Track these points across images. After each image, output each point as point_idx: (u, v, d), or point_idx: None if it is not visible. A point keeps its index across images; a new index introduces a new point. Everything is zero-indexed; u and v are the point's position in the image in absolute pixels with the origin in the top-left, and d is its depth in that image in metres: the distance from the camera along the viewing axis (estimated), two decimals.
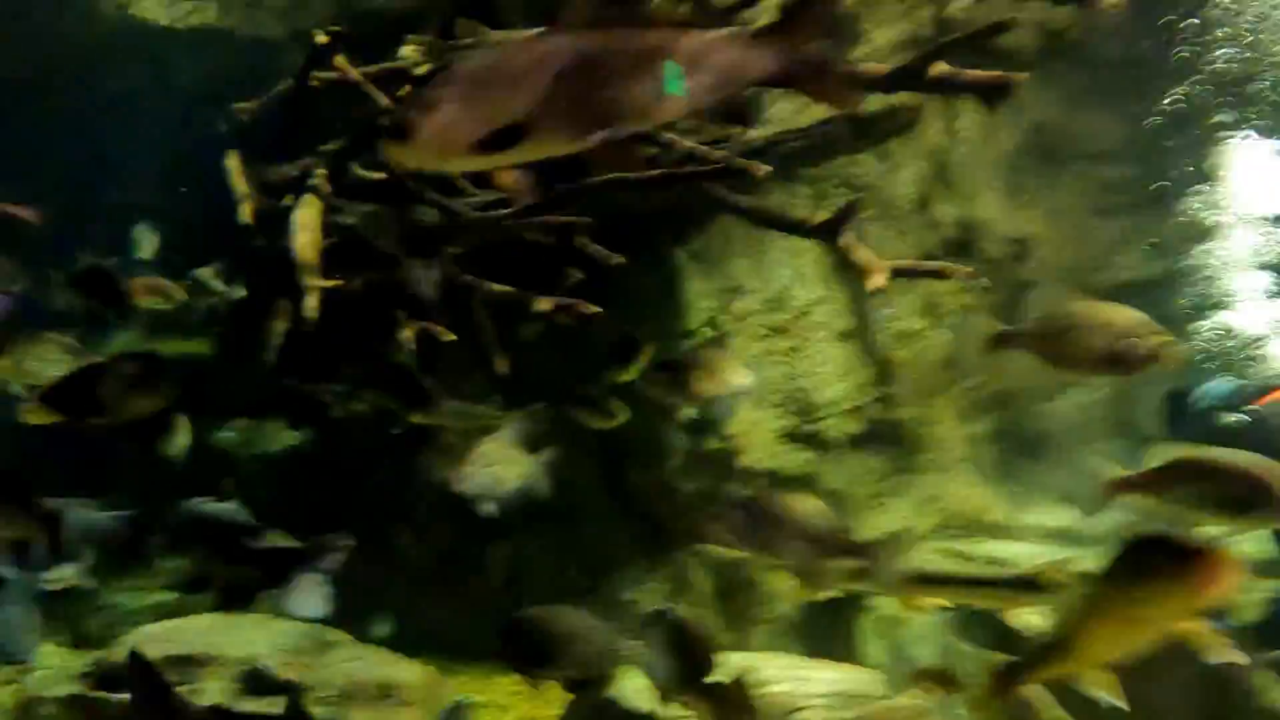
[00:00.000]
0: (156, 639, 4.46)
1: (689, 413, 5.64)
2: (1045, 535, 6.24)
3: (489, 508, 4.48)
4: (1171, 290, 7.35)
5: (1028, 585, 4.22)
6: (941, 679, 4.18)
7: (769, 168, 4.27)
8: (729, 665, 3.67)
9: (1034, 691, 3.92)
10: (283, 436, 6.60)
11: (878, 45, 6.29)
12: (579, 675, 3.83)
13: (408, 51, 4.79)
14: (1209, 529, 3.69)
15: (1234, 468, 3.65)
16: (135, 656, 3.06)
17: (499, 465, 4.43)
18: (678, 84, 6.32)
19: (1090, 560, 5.68)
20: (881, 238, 6.50)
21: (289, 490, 6.21)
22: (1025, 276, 6.89)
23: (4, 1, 7.25)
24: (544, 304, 4.61)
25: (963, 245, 6.79)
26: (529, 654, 3.73)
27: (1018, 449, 7.12)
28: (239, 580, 3.71)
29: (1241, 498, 3.62)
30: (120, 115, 7.45)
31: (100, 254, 7.09)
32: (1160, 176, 7.10)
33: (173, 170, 7.59)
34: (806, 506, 3.88)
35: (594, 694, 4.47)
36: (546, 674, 3.87)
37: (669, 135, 5.51)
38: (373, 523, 5.89)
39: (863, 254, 4.35)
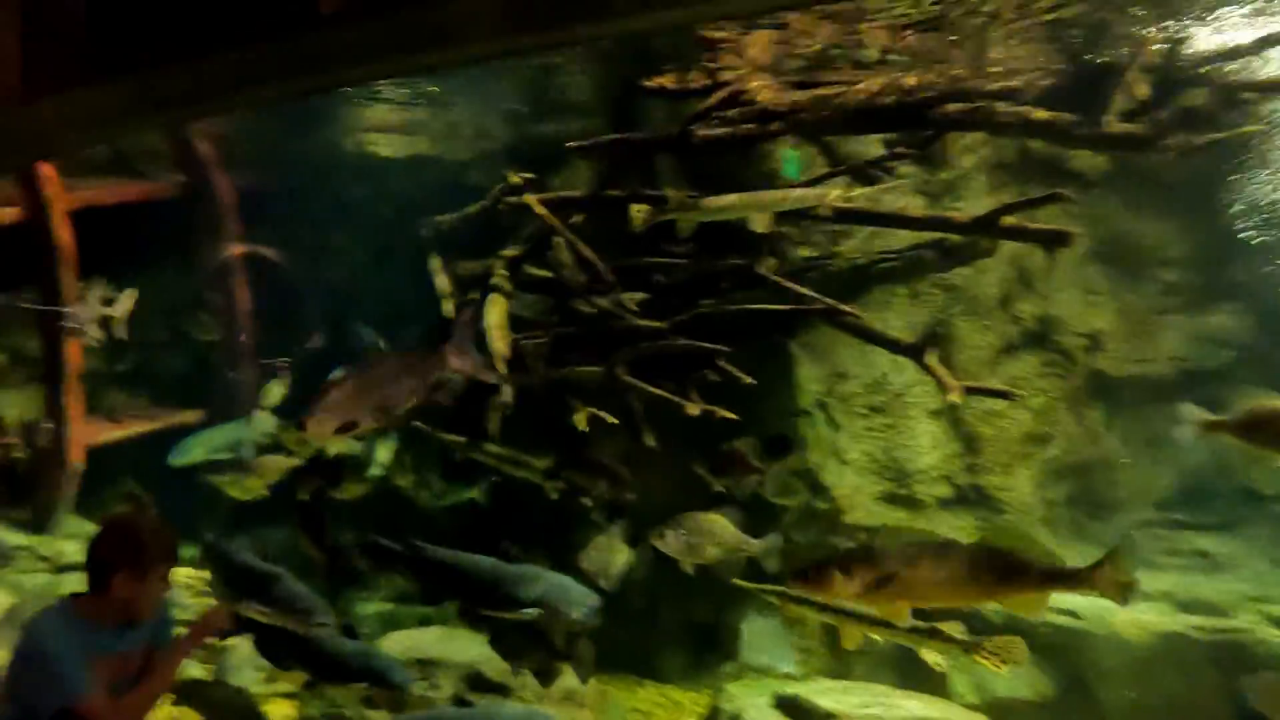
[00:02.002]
0: (400, 644, 5.51)
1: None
2: None
3: (602, 583, 5.34)
4: (1231, 379, 7.71)
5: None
6: None
7: (859, 315, 5.04)
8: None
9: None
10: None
11: (965, 170, 6.99)
12: None
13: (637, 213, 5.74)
14: None
15: None
16: None
17: (608, 554, 5.24)
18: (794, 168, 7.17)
19: (1150, 613, 6.16)
20: (968, 330, 7.16)
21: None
22: (1097, 366, 7.39)
23: (265, 133, 8.64)
24: (692, 409, 5.45)
25: (1040, 338, 7.33)
26: None
27: (1090, 512, 7.56)
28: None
29: None
30: (350, 221, 8.75)
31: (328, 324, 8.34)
32: (1219, 279, 7.51)
33: (387, 264, 8.81)
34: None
35: None
36: None
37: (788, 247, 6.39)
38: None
39: (943, 373, 5.04)
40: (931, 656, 4.76)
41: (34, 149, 4.55)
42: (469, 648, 5.29)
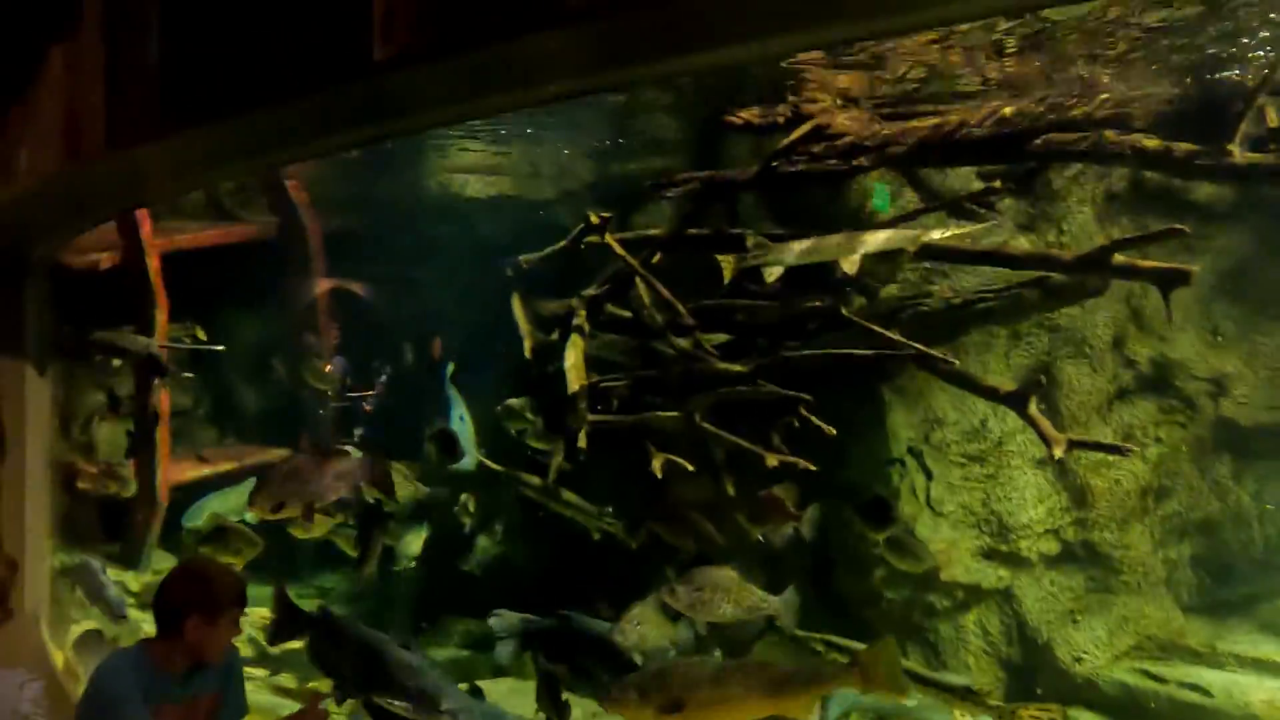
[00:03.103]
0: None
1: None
2: (1244, 664, 6.03)
3: (637, 659, 5.05)
4: None
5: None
6: None
7: (953, 360, 4.71)
8: None
9: None
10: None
11: (1074, 206, 6.55)
12: None
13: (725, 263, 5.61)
14: None
15: None
16: None
17: (647, 627, 4.94)
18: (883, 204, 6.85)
19: None
20: (1075, 374, 6.66)
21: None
22: (1224, 414, 6.78)
23: (353, 173, 8.84)
24: (771, 459, 5.19)
25: (1158, 382, 6.78)
26: None
27: (1218, 576, 6.90)
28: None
29: None
30: (433, 259, 8.84)
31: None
32: None
33: (469, 302, 8.85)
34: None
35: None
36: None
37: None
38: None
39: (1045, 425, 4.64)
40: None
41: (118, 198, 4.67)
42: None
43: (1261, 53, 5.28)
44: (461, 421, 6.93)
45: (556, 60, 2.73)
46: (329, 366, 8.55)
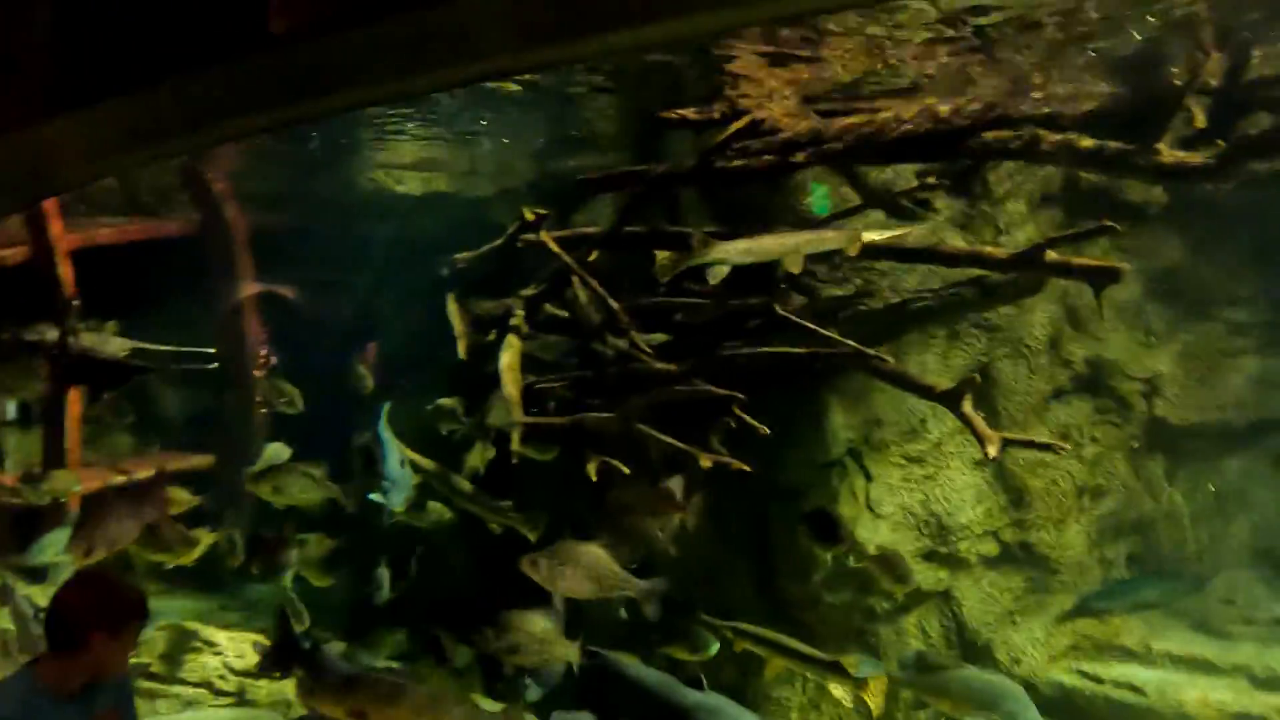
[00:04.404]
0: None
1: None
2: (1177, 662, 6.10)
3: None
4: None
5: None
6: None
7: (888, 359, 4.69)
8: None
9: None
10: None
11: (1010, 205, 6.59)
12: None
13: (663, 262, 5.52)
14: None
15: None
16: None
17: (548, 648, 4.85)
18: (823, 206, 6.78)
19: (1223, 690, 5.60)
20: (1013, 375, 6.70)
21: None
22: (1157, 413, 6.88)
23: (280, 169, 8.58)
24: (706, 461, 5.11)
25: (1093, 382, 6.85)
26: None
27: (1152, 574, 6.99)
28: None
29: None
30: (366, 258, 8.63)
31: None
32: None
33: (403, 302, 8.65)
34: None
35: None
36: None
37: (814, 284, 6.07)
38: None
39: (980, 424, 4.63)
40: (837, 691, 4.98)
41: (11, 188, 4.41)
42: None
43: (1192, 51, 5.34)
44: (401, 468, 6.72)
45: (471, 35, 2.61)
46: (252, 371, 8.27)
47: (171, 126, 3.56)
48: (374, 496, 6.16)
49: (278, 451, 6.93)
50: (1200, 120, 5.35)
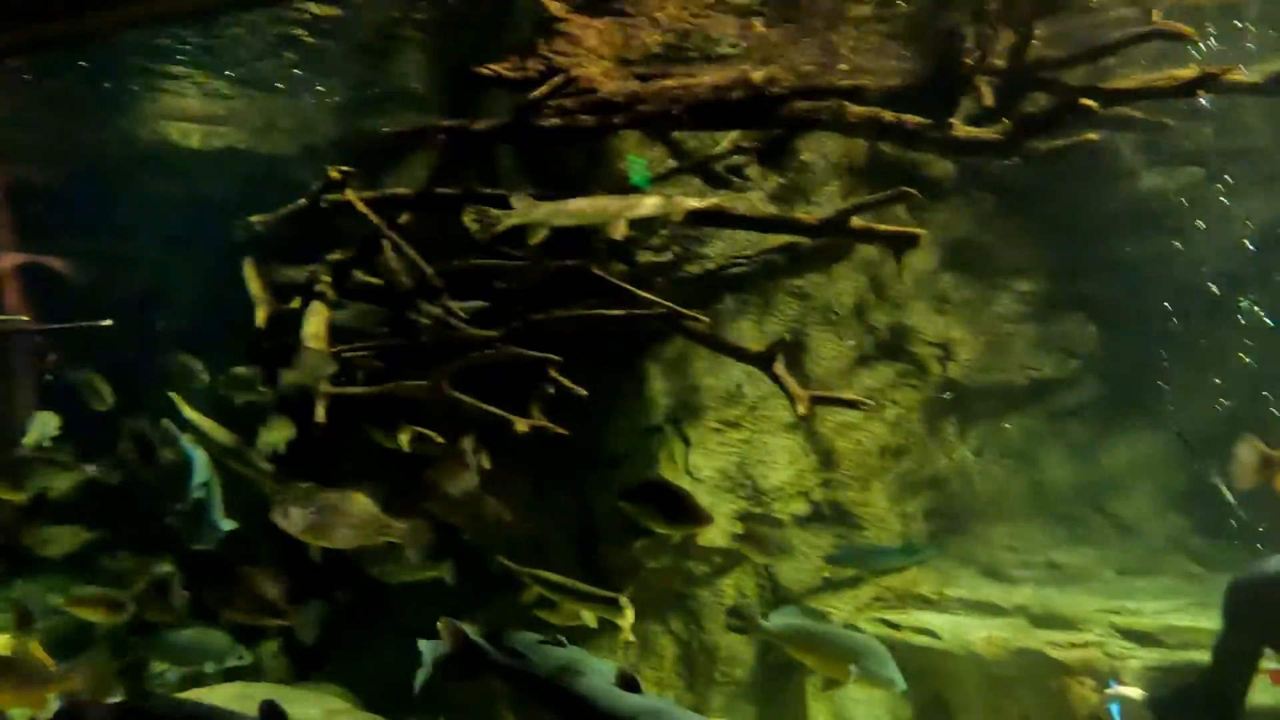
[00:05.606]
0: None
1: None
2: (967, 606, 6.58)
3: None
4: (1079, 386, 7.90)
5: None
6: None
7: (707, 320, 4.74)
8: None
9: None
10: None
11: (818, 172, 6.84)
12: None
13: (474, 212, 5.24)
14: None
15: None
16: None
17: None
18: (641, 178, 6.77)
19: (1006, 629, 6.10)
20: (822, 340, 6.99)
21: None
22: (951, 376, 7.37)
23: (53, 117, 7.68)
24: (521, 426, 5.01)
25: (895, 348, 7.25)
26: None
27: (947, 526, 7.52)
28: None
29: None
30: (149, 219, 7.89)
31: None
32: (1063, 289, 7.67)
33: (192, 269, 8.00)
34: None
35: None
36: None
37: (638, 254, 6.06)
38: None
39: (790, 383, 4.78)
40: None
41: None
42: None
43: (984, 32, 5.68)
44: (206, 488, 6.18)
45: None
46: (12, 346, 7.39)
47: None
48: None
49: (45, 421, 6.25)
50: (989, 99, 5.71)
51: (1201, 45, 5.48)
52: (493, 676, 3.81)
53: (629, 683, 3.50)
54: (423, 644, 4.08)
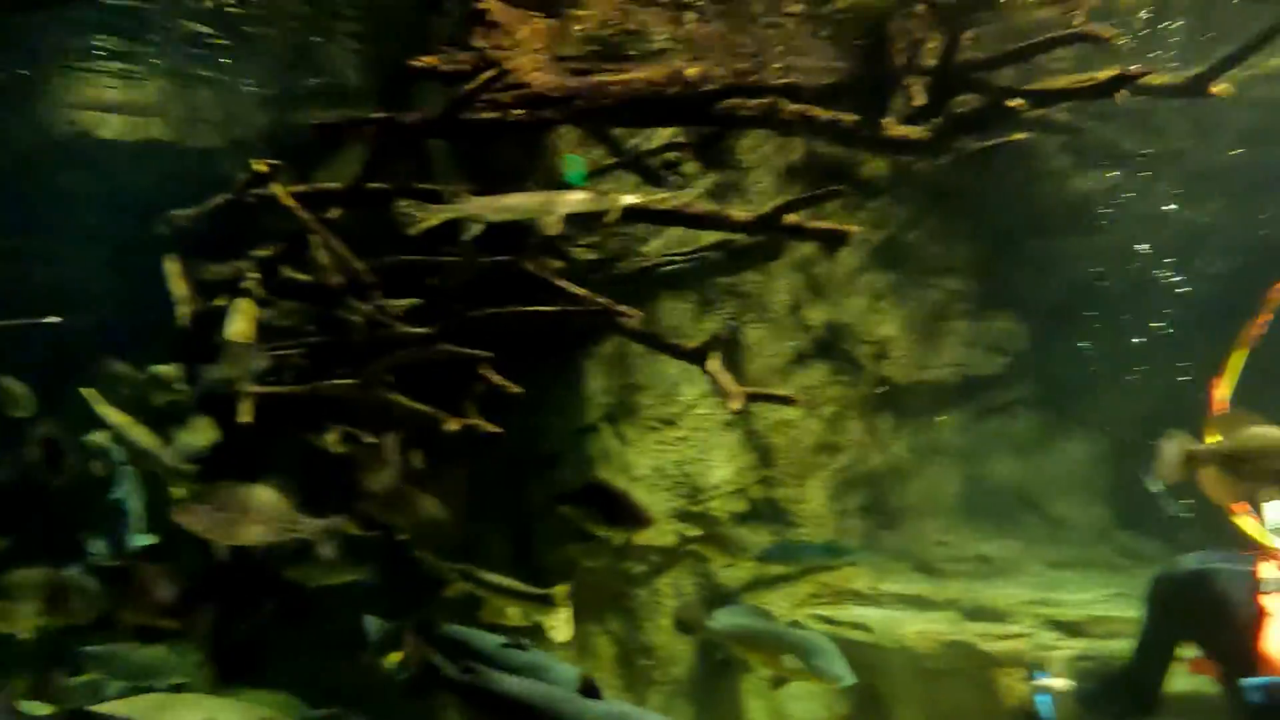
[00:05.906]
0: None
1: None
2: (900, 601, 6.67)
3: None
4: (1010, 383, 8.06)
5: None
6: None
7: (639, 314, 4.71)
8: None
9: None
10: None
11: (757, 176, 6.85)
12: None
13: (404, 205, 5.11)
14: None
15: None
16: None
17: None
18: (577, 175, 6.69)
19: (938, 622, 6.18)
20: (760, 338, 7.01)
21: None
22: (884, 373, 7.45)
23: None
24: (452, 424, 4.92)
25: (830, 345, 7.31)
26: None
27: (881, 522, 7.61)
28: None
29: None
30: (65, 214, 7.58)
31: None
32: (993, 287, 7.82)
33: (112, 267, 7.70)
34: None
35: None
36: None
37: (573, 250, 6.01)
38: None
39: (725, 379, 4.78)
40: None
41: None
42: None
43: (914, 32, 5.73)
44: (131, 499, 5.93)
45: None
46: None
47: None
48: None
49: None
50: (919, 98, 5.77)
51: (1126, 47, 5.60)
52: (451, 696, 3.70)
53: (590, 689, 3.44)
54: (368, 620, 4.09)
